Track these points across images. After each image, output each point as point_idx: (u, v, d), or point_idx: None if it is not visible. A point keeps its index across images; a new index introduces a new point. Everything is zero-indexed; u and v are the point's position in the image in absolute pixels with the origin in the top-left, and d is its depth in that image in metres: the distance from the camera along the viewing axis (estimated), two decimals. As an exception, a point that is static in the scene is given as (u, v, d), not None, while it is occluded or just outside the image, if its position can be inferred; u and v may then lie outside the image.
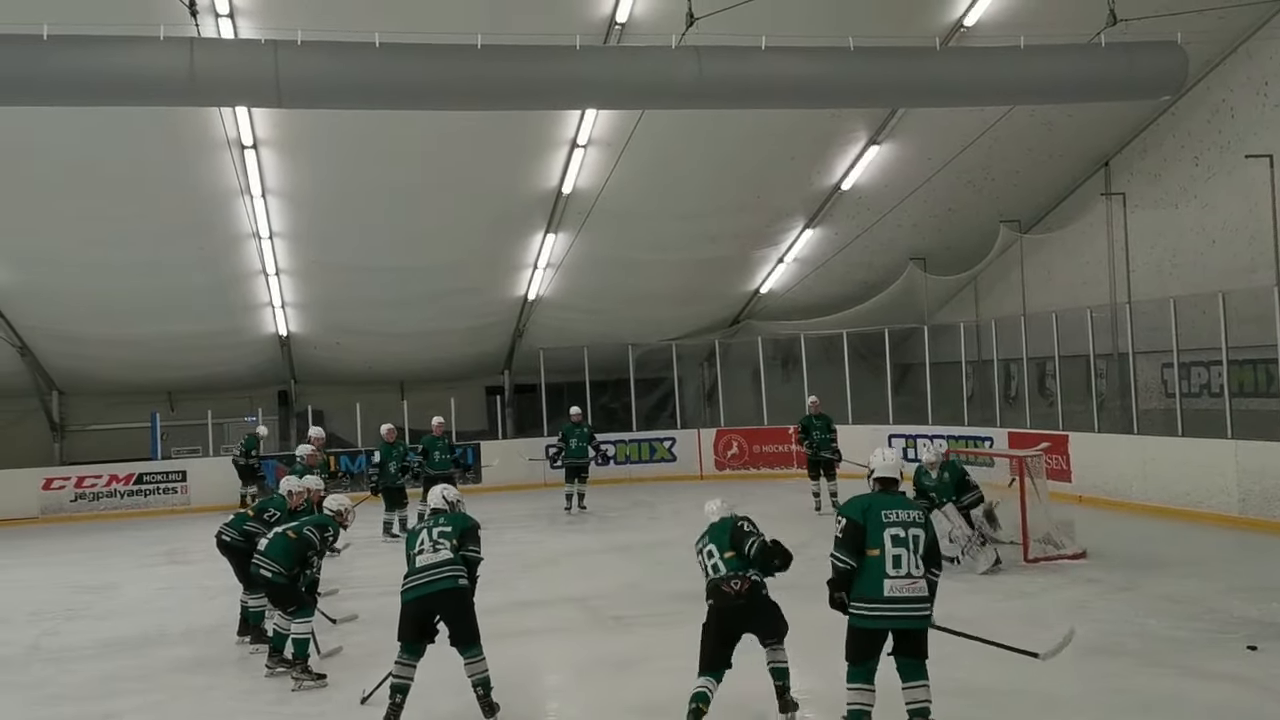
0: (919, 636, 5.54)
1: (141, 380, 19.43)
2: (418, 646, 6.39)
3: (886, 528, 5.54)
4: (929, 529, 5.66)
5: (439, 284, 17.73)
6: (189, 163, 13.71)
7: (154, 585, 11.85)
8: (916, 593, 5.49)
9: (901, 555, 5.50)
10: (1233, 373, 13.20)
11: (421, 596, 6.37)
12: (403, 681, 6.33)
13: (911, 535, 5.55)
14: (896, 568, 5.49)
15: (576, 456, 15.97)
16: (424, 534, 6.57)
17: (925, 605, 5.53)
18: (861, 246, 18.17)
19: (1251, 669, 6.93)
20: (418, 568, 6.43)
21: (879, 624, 5.54)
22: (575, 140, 14.35)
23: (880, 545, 5.52)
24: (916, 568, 5.51)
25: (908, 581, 5.48)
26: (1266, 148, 13.14)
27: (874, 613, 5.52)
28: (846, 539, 5.61)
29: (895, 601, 5.48)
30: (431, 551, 6.44)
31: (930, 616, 5.58)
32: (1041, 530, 10.80)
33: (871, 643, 5.57)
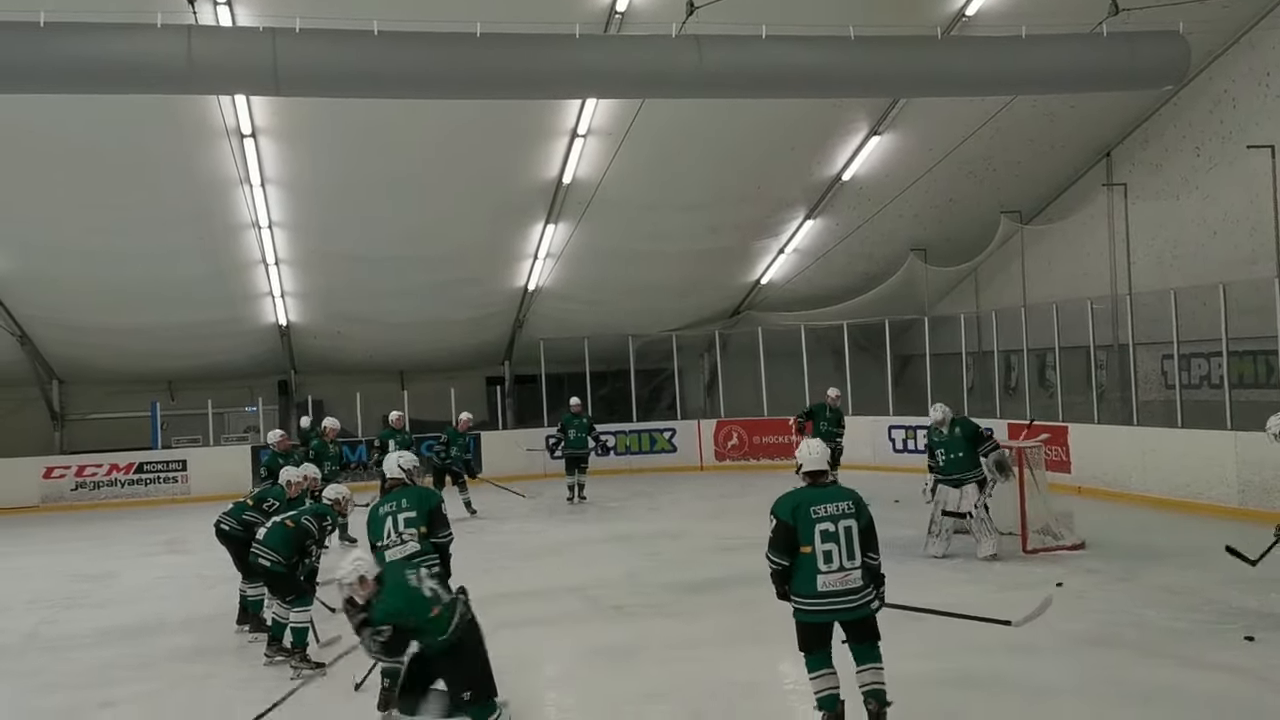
0: (864, 622, 5.65)
1: (141, 369, 19.44)
2: None
3: (816, 524, 5.60)
4: (861, 515, 5.68)
5: (439, 274, 17.71)
6: (188, 151, 13.69)
7: (153, 574, 11.86)
8: (850, 584, 5.58)
9: (832, 550, 5.57)
10: (1233, 364, 13.19)
11: None
12: (393, 666, 6.31)
13: (842, 528, 5.61)
14: (828, 563, 5.57)
15: (576, 447, 15.97)
16: (389, 523, 6.46)
17: (862, 594, 5.61)
18: (862, 237, 18.14)
19: (1249, 659, 6.93)
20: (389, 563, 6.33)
21: (819, 618, 5.65)
22: (575, 130, 14.32)
23: (811, 542, 5.58)
24: (850, 559, 5.58)
25: (840, 575, 5.57)
26: (1268, 138, 13.11)
27: (812, 607, 5.63)
28: (777, 539, 5.68)
29: (829, 596, 5.58)
30: (399, 544, 6.38)
31: (871, 602, 5.66)
32: (1040, 521, 10.80)
33: (817, 634, 5.68)
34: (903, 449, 18.05)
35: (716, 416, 20.52)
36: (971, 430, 10.68)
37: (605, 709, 6.51)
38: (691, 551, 11.46)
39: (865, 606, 5.60)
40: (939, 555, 10.72)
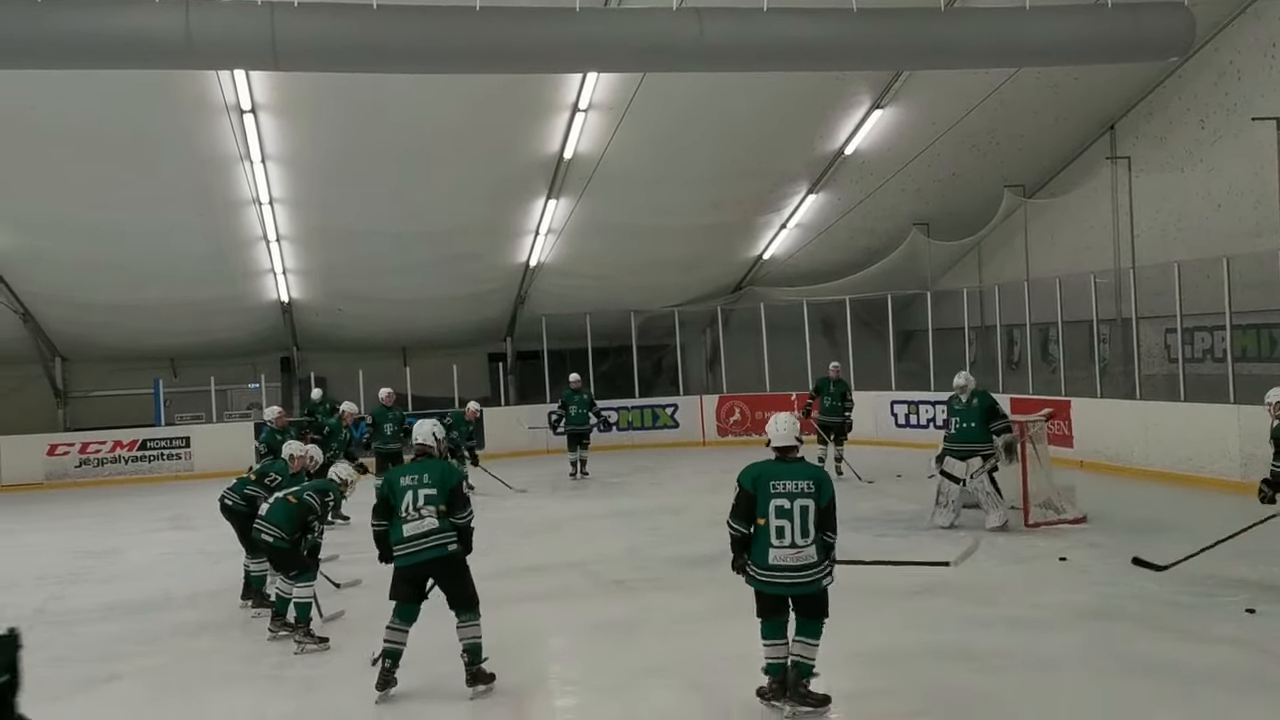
0: (813, 599, 5.71)
1: (144, 346, 19.45)
2: (411, 609, 6.37)
3: (772, 498, 5.67)
4: (822, 494, 5.71)
5: (440, 250, 17.68)
6: (188, 128, 13.63)
7: (158, 550, 11.91)
8: (801, 561, 5.63)
9: (785, 526, 5.63)
10: (1236, 338, 13.16)
11: (417, 564, 6.33)
12: (395, 646, 6.32)
13: (798, 506, 5.65)
14: (780, 538, 5.64)
15: (577, 423, 15.98)
16: (408, 496, 6.39)
17: (811, 571, 5.66)
18: (864, 212, 18.09)
19: (1250, 632, 6.96)
20: (406, 537, 6.33)
21: (769, 589, 5.72)
22: (576, 105, 14.24)
23: (766, 515, 5.66)
24: (803, 537, 5.63)
25: (792, 551, 5.62)
26: (1273, 110, 13.02)
27: (764, 578, 5.71)
28: (737, 506, 5.78)
29: (780, 570, 5.65)
30: (417, 519, 6.33)
31: (823, 578, 5.70)
32: (1042, 495, 10.82)
33: (773, 604, 5.77)
34: (905, 424, 18.07)
35: (719, 392, 20.54)
36: (988, 404, 10.80)
37: (607, 683, 6.53)
38: (693, 526, 11.48)
39: (816, 583, 5.67)
40: (945, 526, 10.75)
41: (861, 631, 7.41)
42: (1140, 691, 6.00)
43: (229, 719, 6.32)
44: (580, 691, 6.63)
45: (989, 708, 5.92)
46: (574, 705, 6.40)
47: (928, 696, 6.13)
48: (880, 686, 6.29)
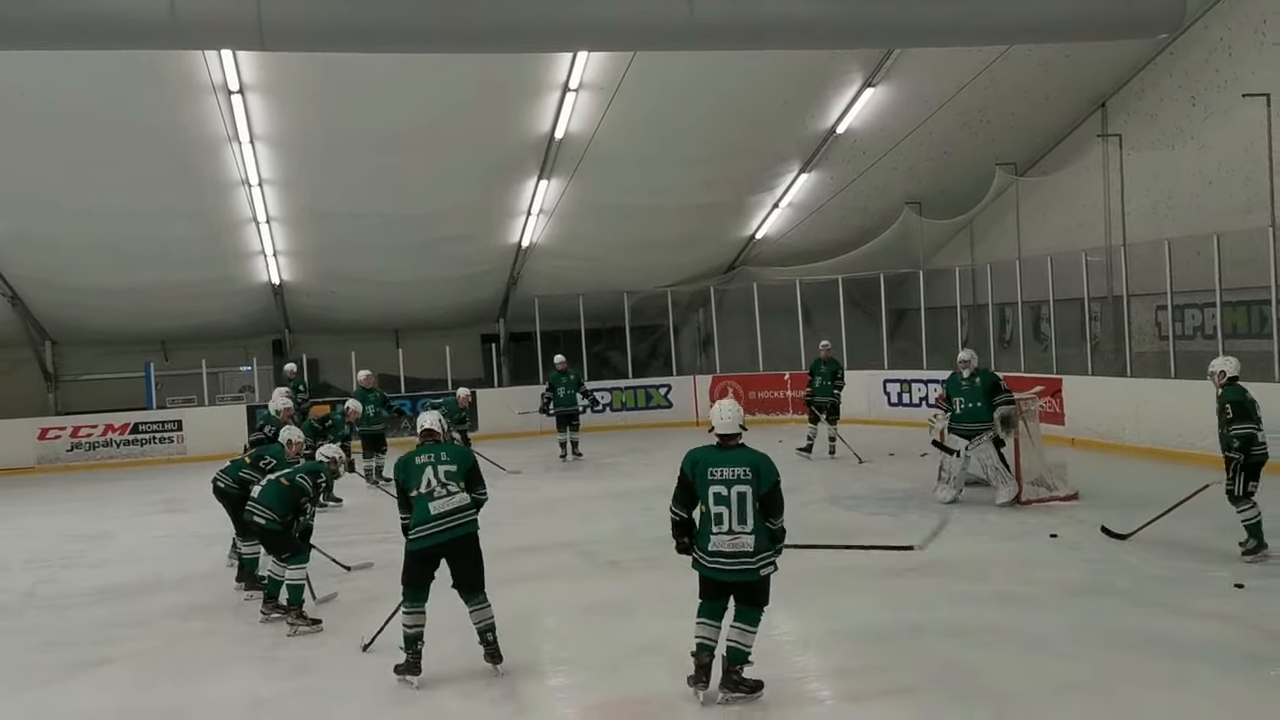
0: (751, 587, 5.69)
1: (134, 330, 19.39)
2: (423, 593, 6.34)
3: (710, 485, 5.68)
4: (761, 481, 5.67)
5: (432, 231, 17.61)
6: (175, 109, 13.52)
7: (150, 533, 11.90)
8: (738, 548, 5.63)
9: (722, 513, 5.64)
10: (1226, 314, 13.19)
11: (441, 544, 6.24)
12: (417, 630, 6.30)
13: (735, 493, 5.64)
14: (718, 525, 5.65)
15: (566, 404, 15.96)
16: (429, 474, 6.32)
17: (749, 559, 5.64)
18: (857, 191, 18.04)
19: (1237, 606, 7.01)
20: (434, 515, 6.23)
21: (709, 574, 5.74)
22: (567, 84, 14.16)
23: (705, 502, 5.69)
24: (740, 524, 5.62)
25: (729, 538, 5.63)
26: (1264, 86, 12.99)
27: (705, 563, 5.73)
28: (677, 491, 5.82)
29: (718, 556, 5.66)
30: (445, 495, 6.28)
31: (762, 568, 5.66)
32: (1034, 473, 10.89)
33: (714, 588, 5.77)
34: (898, 403, 18.10)
35: (712, 372, 20.54)
36: (992, 383, 10.96)
37: (601, 663, 6.56)
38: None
39: (754, 572, 5.64)
40: (948, 501, 10.79)
41: (852, 609, 7.47)
42: (1130, 666, 6.04)
43: (221, 701, 6.32)
44: (574, 671, 6.65)
45: (980, 683, 5.95)
46: (567, 685, 6.41)
47: (919, 673, 6.16)
48: (871, 663, 6.32)
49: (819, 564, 8.83)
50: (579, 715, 5.91)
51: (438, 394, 17.55)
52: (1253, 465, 8.08)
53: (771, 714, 5.67)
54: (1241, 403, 8.12)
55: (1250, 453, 8.02)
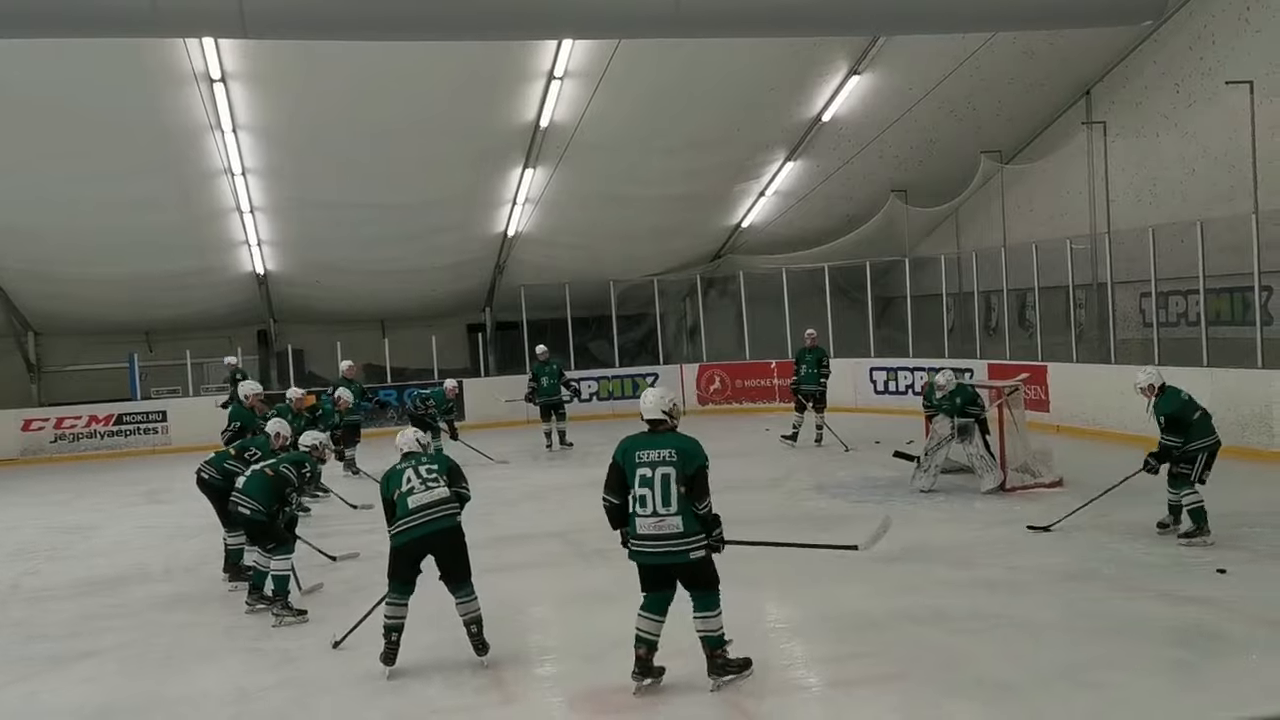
0: (691, 569, 5.66)
1: (118, 320, 19.28)
2: (408, 586, 6.34)
3: (637, 468, 5.71)
4: (686, 463, 5.66)
5: (417, 221, 17.54)
6: (157, 98, 13.43)
7: (135, 525, 11.85)
8: (666, 530, 5.61)
9: (646, 495, 5.65)
10: (1209, 301, 13.24)
11: (421, 537, 6.25)
12: (397, 621, 6.30)
13: (659, 474, 5.65)
14: (643, 507, 5.66)
15: (549, 394, 15.93)
16: (409, 473, 6.39)
17: (678, 541, 5.61)
18: (842, 179, 18.05)
19: (1220, 591, 7.04)
20: (413, 508, 6.27)
21: (640, 558, 5.74)
22: (552, 72, 14.10)
23: (632, 485, 5.71)
24: (664, 505, 5.61)
25: (654, 520, 5.63)
26: (1247, 74, 13.02)
27: (634, 547, 5.74)
28: (610, 479, 5.83)
29: (646, 538, 5.66)
30: (424, 490, 6.30)
31: (693, 550, 5.62)
32: (1019, 460, 10.93)
33: (649, 575, 5.76)
34: (884, 390, 18.14)
35: (699, 361, 20.53)
36: (969, 398, 11.19)
37: (588, 651, 6.55)
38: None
39: (684, 554, 5.61)
40: (925, 489, 10.86)
41: (837, 597, 7.48)
42: (1116, 652, 6.06)
43: (206, 693, 6.29)
44: (560, 660, 6.66)
45: (966, 669, 5.97)
46: (554, 674, 6.41)
47: (905, 659, 6.18)
48: (858, 650, 6.34)
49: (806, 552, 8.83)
50: (565, 704, 5.91)
51: (424, 384, 17.53)
52: (1212, 454, 8.28)
53: (760, 701, 5.67)
54: (1176, 416, 8.27)
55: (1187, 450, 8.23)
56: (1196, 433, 8.27)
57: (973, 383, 13.63)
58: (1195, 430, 8.27)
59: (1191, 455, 8.25)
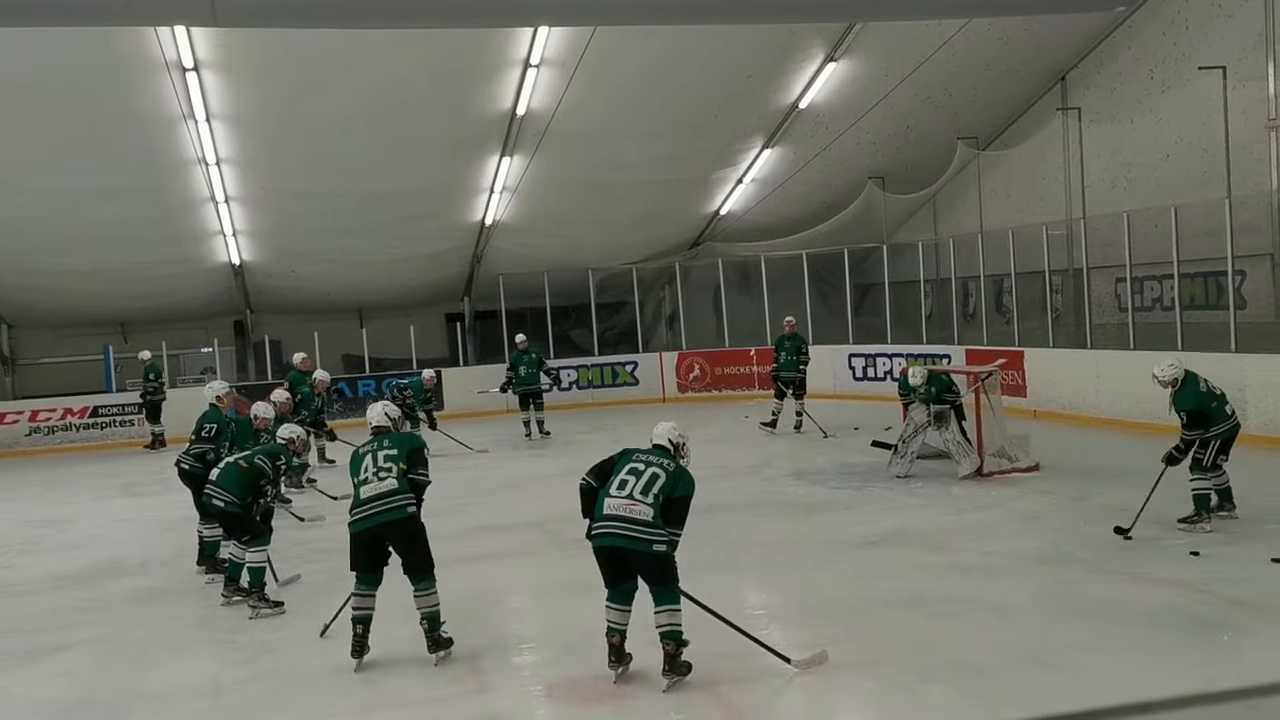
0: (652, 561, 5.65)
1: (92, 312, 19.11)
2: (373, 576, 6.30)
3: (630, 462, 5.80)
4: (677, 485, 5.71)
5: (394, 210, 17.43)
6: (128, 86, 13.30)
7: (110, 518, 11.77)
8: (635, 515, 5.63)
9: (629, 481, 5.71)
10: (1184, 286, 13.33)
11: (372, 528, 6.23)
12: (363, 612, 6.25)
13: (650, 473, 5.72)
14: (620, 489, 5.70)
15: (528, 383, 15.89)
16: (368, 459, 6.37)
17: (643, 529, 5.61)
18: (820, 166, 18.05)
19: (1193, 574, 7.10)
20: (363, 499, 6.25)
21: (600, 540, 5.72)
22: (528, 60, 14.04)
23: (618, 475, 5.76)
24: (642, 494, 5.65)
25: (627, 502, 5.65)
26: (1220, 59, 13.10)
27: (595, 530, 5.74)
28: (598, 464, 5.92)
29: (611, 518, 5.66)
30: (376, 480, 6.27)
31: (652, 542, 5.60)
32: (996, 445, 10.98)
33: (607, 564, 5.76)
34: (863, 377, 18.19)
35: (678, 348, 20.54)
36: (944, 386, 11.24)
37: (566, 640, 6.55)
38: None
39: (646, 543, 5.61)
40: (901, 476, 10.91)
41: (816, 583, 7.51)
42: (1090, 634, 6.11)
43: (182, 686, 6.25)
44: (537, 649, 6.66)
45: (941, 653, 6.00)
46: (532, 663, 6.41)
47: (882, 643, 6.21)
48: (834, 635, 6.34)
49: (785, 538, 8.89)
50: (543, 692, 5.91)
51: (403, 374, 17.47)
52: (1228, 439, 8.12)
53: (738, 687, 5.69)
54: (1200, 411, 8.08)
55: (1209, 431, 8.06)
56: (1213, 419, 8.10)
57: (950, 368, 13.76)
58: (1212, 418, 8.10)
59: (1205, 441, 8.07)
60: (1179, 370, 8.25)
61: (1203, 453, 8.10)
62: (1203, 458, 8.10)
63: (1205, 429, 8.06)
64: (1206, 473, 8.11)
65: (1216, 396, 8.19)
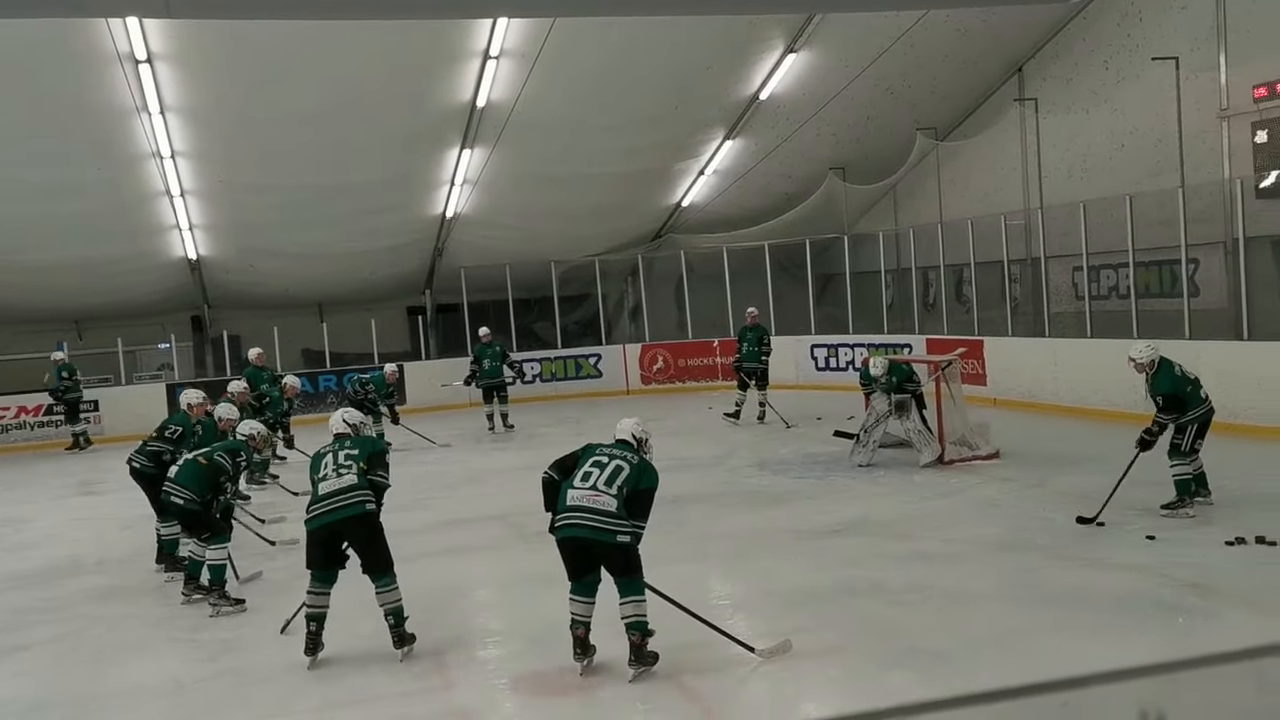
0: (616, 551, 5.66)
1: (45, 308, 18.78)
2: (328, 574, 6.25)
3: (594, 456, 5.84)
4: (641, 478, 5.75)
5: (353, 203, 17.27)
6: (80, 79, 13.07)
7: (66, 516, 11.60)
8: (599, 506, 5.64)
9: (593, 473, 5.74)
10: (1139, 274, 13.52)
11: (329, 524, 6.17)
12: (317, 610, 6.19)
13: (613, 465, 5.75)
14: (584, 481, 5.72)
15: (491, 376, 15.83)
16: (328, 458, 6.33)
17: (607, 519, 5.62)
18: (781, 157, 18.11)
19: (1150, 558, 7.21)
20: (321, 495, 6.20)
21: (563, 532, 5.72)
22: (488, 51, 13.96)
23: (581, 468, 5.79)
24: (606, 486, 5.68)
25: (590, 493, 5.67)
26: (1173, 50, 13.28)
27: (558, 522, 5.74)
28: (561, 459, 5.95)
29: (575, 509, 5.67)
30: (335, 477, 6.21)
31: (616, 533, 5.61)
32: (957, 433, 11.08)
33: (570, 556, 5.76)
34: (825, 367, 18.28)
35: (641, 341, 20.53)
36: (905, 375, 11.33)
37: (531, 634, 6.53)
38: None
39: (610, 533, 5.61)
40: (863, 465, 10.99)
41: (779, 572, 7.55)
42: (1050, 619, 6.19)
43: (142, 686, 6.17)
44: (503, 642, 6.64)
45: (904, 640, 6.06)
46: (497, 656, 6.39)
47: (845, 631, 6.26)
48: (798, 624, 6.38)
49: (749, 528, 8.93)
50: (508, 686, 5.90)
51: (364, 368, 17.31)
52: (1204, 424, 8.17)
53: (702, 677, 5.71)
54: (1176, 395, 8.09)
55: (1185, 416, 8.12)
56: (1189, 403, 8.13)
57: (911, 358, 13.86)
58: (1188, 402, 8.13)
59: (1182, 426, 8.11)
60: (1155, 353, 8.28)
61: (1181, 438, 8.14)
62: (1181, 443, 8.14)
63: (1182, 413, 8.11)
64: (1185, 458, 8.17)
65: (1191, 381, 8.23)
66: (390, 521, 6.49)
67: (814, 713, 5.47)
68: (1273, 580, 6.64)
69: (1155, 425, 8.21)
